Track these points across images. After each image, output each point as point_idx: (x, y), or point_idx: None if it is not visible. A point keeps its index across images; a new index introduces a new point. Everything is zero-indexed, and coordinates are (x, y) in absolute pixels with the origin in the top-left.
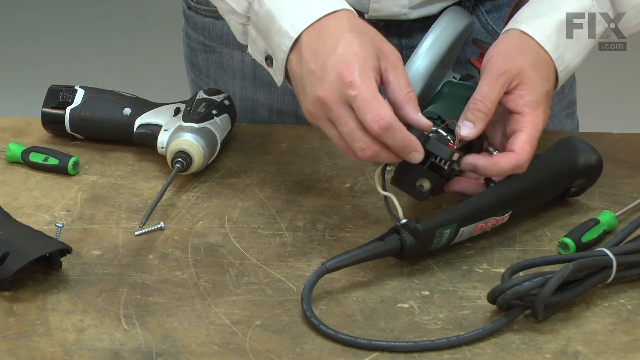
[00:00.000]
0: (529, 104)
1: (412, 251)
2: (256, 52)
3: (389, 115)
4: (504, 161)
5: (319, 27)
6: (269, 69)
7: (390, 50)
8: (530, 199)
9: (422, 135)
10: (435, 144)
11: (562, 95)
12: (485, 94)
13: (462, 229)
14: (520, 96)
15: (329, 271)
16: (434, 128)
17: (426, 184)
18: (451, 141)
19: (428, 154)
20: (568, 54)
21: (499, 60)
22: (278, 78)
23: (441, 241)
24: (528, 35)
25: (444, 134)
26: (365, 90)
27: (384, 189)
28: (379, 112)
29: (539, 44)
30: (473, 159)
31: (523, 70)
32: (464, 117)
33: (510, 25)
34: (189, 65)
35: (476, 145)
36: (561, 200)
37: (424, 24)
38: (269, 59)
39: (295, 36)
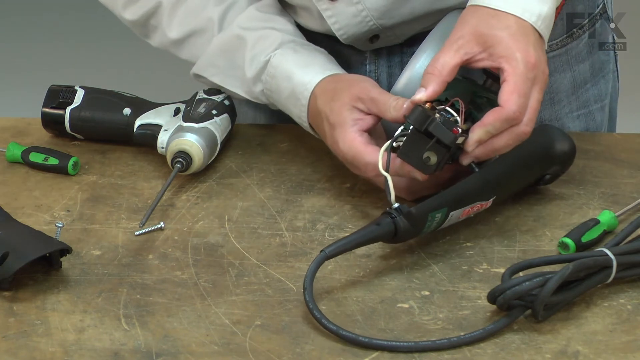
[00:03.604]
0: (501, 54)
1: (405, 235)
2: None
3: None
4: (492, 118)
5: (311, 117)
6: None
7: (362, 86)
8: (511, 184)
9: (428, 117)
10: (440, 127)
11: (573, 96)
12: (436, 58)
13: (451, 213)
14: (490, 54)
15: (328, 257)
16: (442, 107)
17: (433, 157)
18: (457, 126)
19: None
20: (533, 6)
21: (453, 32)
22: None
23: (432, 225)
24: (485, 6)
25: (453, 115)
26: (351, 155)
27: (387, 169)
28: (366, 170)
29: (498, 10)
30: (472, 136)
31: (480, 32)
32: (420, 86)
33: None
34: None
35: None
36: (534, 189)
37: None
38: None
39: (306, 124)
